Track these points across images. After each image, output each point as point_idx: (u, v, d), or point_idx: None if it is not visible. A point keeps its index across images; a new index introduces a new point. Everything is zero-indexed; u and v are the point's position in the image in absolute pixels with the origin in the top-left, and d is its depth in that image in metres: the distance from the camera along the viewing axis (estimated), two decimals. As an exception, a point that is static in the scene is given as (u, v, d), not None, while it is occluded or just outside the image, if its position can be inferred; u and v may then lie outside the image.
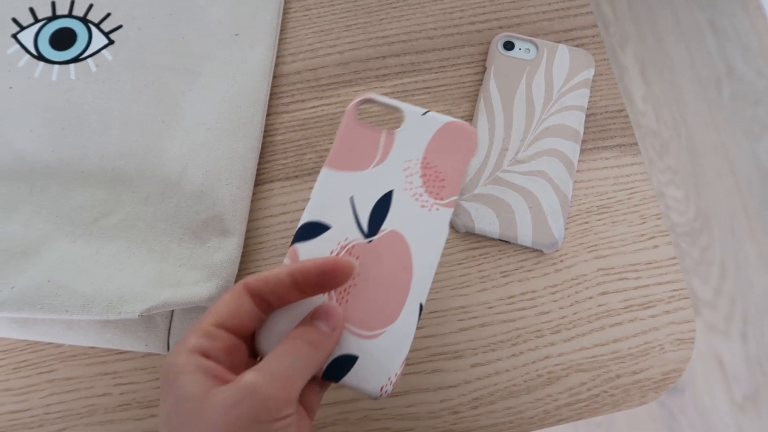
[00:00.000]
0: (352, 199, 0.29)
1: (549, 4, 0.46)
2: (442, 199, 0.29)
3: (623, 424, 1.02)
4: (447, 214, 0.29)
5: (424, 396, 0.38)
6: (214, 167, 0.39)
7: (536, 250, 0.40)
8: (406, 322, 0.27)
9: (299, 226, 0.29)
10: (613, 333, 0.39)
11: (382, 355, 0.27)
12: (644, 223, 0.41)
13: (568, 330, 0.39)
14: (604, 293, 0.39)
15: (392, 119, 0.43)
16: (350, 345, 0.27)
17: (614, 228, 0.41)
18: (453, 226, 0.40)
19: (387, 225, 0.28)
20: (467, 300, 0.39)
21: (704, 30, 1.25)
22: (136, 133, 0.41)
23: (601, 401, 0.38)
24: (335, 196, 0.29)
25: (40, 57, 0.43)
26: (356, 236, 0.28)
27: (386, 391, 0.27)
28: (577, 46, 0.44)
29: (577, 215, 0.41)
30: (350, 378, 0.27)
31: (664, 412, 1.03)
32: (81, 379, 0.38)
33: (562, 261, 0.40)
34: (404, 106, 0.30)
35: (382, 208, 0.28)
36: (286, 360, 0.25)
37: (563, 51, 0.43)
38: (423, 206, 0.29)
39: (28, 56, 0.43)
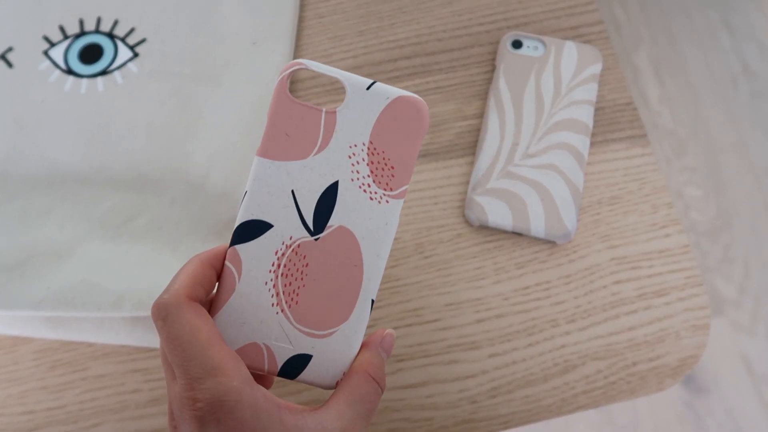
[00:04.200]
0: (293, 193, 0.26)
1: (555, 2, 0.47)
2: (391, 189, 0.26)
3: (650, 427, 1.01)
4: (397, 206, 0.26)
5: (443, 386, 0.39)
6: (236, 170, 0.41)
7: (549, 242, 0.41)
8: (359, 319, 0.27)
9: (237, 225, 0.26)
10: (627, 321, 0.39)
11: (335, 352, 0.27)
12: (656, 212, 0.42)
13: (583, 319, 0.39)
14: (617, 282, 0.40)
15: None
16: (304, 344, 0.27)
17: (626, 218, 0.41)
18: (467, 220, 0.41)
19: (334, 221, 0.26)
20: (482, 292, 0.40)
21: (718, 29, 1.25)
22: (162, 140, 0.43)
23: (618, 388, 0.38)
24: (274, 191, 0.26)
25: (69, 71, 0.45)
26: (301, 234, 0.26)
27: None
28: (584, 42, 0.45)
29: (588, 207, 0.42)
30: (305, 375, 0.27)
31: (692, 414, 1.02)
32: (113, 377, 0.40)
33: (575, 252, 0.41)
34: (345, 77, 0.26)
35: (327, 201, 0.26)
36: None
37: (571, 47, 0.44)
38: (372, 198, 0.26)
39: (58, 71, 0.45)
